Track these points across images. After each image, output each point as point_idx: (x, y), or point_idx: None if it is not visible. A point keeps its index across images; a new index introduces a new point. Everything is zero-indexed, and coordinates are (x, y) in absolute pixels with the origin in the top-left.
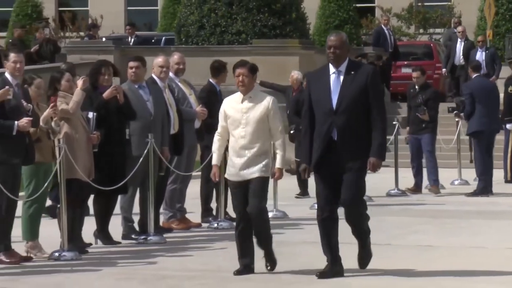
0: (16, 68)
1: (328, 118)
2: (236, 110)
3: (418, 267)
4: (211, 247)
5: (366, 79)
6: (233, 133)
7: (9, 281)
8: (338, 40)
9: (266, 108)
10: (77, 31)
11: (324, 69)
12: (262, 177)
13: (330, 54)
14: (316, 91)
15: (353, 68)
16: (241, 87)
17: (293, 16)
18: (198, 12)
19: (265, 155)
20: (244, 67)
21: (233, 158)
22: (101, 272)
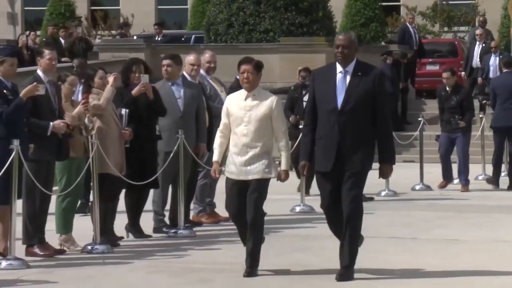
0: (50, 64)
1: (331, 118)
2: (239, 107)
3: (443, 261)
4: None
5: (373, 82)
6: (235, 131)
7: (43, 274)
8: (346, 39)
9: (270, 108)
10: (109, 29)
11: (330, 68)
12: (263, 178)
13: (338, 53)
14: (321, 89)
15: (361, 69)
16: (245, 84)
17: (319, 15)
18: (227, 11)
19: (267, 155)
20: (249, 63)
21: (234, 156)
22: (132, 265)
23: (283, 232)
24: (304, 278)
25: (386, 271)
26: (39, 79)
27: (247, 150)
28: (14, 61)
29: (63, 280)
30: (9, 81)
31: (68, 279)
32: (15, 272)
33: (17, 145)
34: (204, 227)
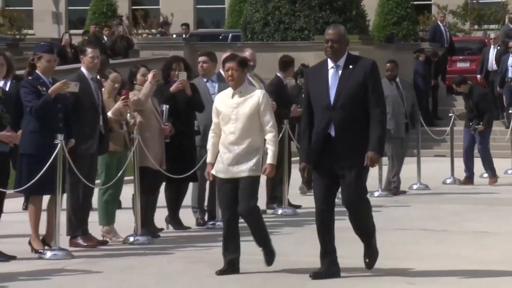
0: (93, 62)
1: (325, 114)
2: (226, 105)
3: (473, 253)
4: (276, 233)
5: (364, 73)
6: (223, 129)
7: (86, 264)
8: (335, 33)
9: (256, 103)
10: (149, 28)
11: (322, 64)
12: (252, 176)
13: (327, 48)
14: (314, 86)
15: (352, 62)
16: (230, 82)
17: (353, 13)
18: (263, 10)
19: (255, 152)
20: (233, 61)
21: (222, 154)
22: (172, 256)
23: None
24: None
25: (418, 262)
26: (83, 76)
27: (234, 148)
28: (51, 58)
29: (105, 270)
30: (48, 77)
31: (110, 269)
32: (60, 262)
33: (61, 140)
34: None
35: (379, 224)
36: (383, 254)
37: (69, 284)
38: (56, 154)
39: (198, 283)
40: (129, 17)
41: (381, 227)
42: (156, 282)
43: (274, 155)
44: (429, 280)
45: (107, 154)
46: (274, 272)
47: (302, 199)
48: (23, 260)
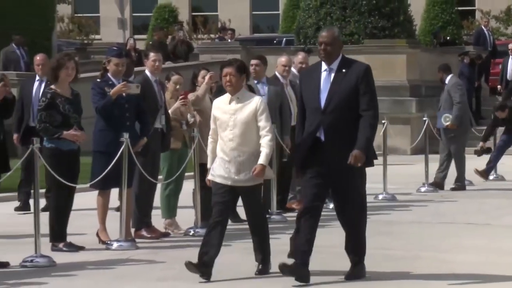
0: (155, 66)
1: (316, 117)
2: (224, 111)
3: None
4: (326, 225)
5: (357, 78)
6: (221, 136)
7: (149, 254)
8: (329, 36)
9: (254, 110)
10: (208, 33)
11: (316, 66)
12: (255, 185)
13: (321, 51)
14: (306, 89)
15: (346, 65)
16: (228, 87)
17: (401, 19)
18: (315, 16)
19: (257, 160)
20: (231, 66)
21: (222, 161)
22: (230, 247)
23: (367, 218)
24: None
25: (462, 255)
26: (146, 78)
27: (234, 156)
28: (119, 62)
29: (168, 260)
30: (118, 80)
31: (172, 259)
32: (125, 253)
33: (126, 138)
34: (294, 212)
35: (424, 218)
36: (428, 247)
37: (134, 273)
38: (121, 151)
39: (254, 271)
40: (190, 23)
41: (427, 221)
42: (217, 271)
43: (267, 157)
44: (473, 271)
45: (168, 152)
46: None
47: None
48: (91, 251)
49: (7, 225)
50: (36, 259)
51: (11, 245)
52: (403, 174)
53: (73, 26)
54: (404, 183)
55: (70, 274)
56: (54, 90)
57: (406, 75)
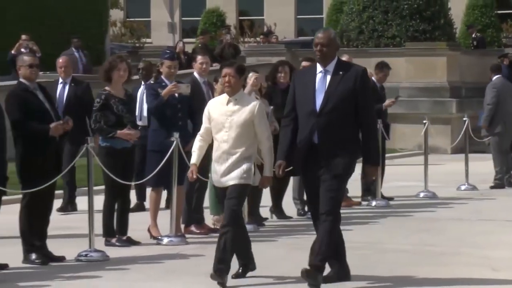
0: (202, 68)
1: (310, 120)
2: (221, 112)
3: None
4: (370, 222)
5: (355, 81)
6: (216, 137)
7: (199, 249)
8: (325, 37)
9: (252, 113)
10: (254, 36)
11: (311, 68)
12: (240, 184)
13: (316, 52)
14: (300, 91)
15: (342, 68)
16: (227, 88)
17: (441, 22)
18: (358, 19)
19: (247, 160)
20: (231, 67)
21: (215, 165)
22: (276, 243)
23: (409, 215)
24: (426, 255)
25: (501, 251)
26: (195, 80)
27: (227, 158)
28: (171, 64)
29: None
30: (172, 81)
31: None
32: (175, 248)
33: (177, 137)
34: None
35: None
36: (468, 243)
37: (184, 267)
38: (171, 150)
39: (299, 267)
40: (237, 27)
41: (467, 218)
42: (263, 266)
43: (270, 167)
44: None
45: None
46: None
47: (394, 191)
48: (142, 246)
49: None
50: (90, 253)
51: (65, 241)
52: (444, 172)
53: (125, 30)
54: (444, 181)
55: (123, 268)
56: (108, 91)
57: (447, 77)
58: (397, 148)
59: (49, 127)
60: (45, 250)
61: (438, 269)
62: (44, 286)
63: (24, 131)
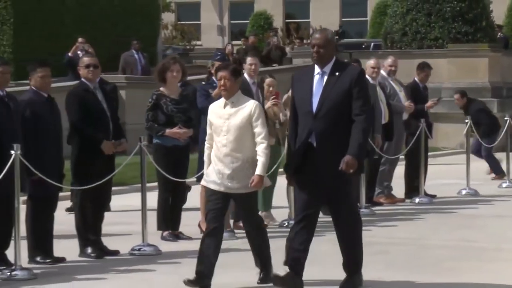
0: (251, 69)
1: (307, 122)
2: (218, 116)
3: None
4: (413, 219)
5: (350, 82)
6: (215, 141)
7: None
8: (322, 38)
9: (249, 114)
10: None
11: (309, 69)
12: (250, 193)
13: (313, 53)
14: (298, 93)
15: (339, 69)
16: (223, 91)
17: (483, 24)
18: (401, 22)
19: (251, 167)
20: (226, 70)
21: (216, 167)
22: (322, 237)
23: (451, 212)
24: (469, 250)
25: None
26: (245, 81)
27: (228, 162)
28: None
29: None
30: None
31: None
32: (225, 242)
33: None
34: (383, 206)
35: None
36: (509, 239)
37: (233, 261)
38: None
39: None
40: (283, 29)
41: (508, 215)
42: (309, 259)
43: (263, 166)
44: None
45: None
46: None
47: (437, 189)
48: (193, 240)
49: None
50: (144, 247)
51: (119, 236)
52: (486, 170)
53: (176, 33)
54: (486, 179)
55: (175, 261)
56: (161, 92)
57: (488, 77)
58: (439, 146)
59: (102, 140)
60: (100, 244)
61: (480, 264)
62: (100, 278)
63: (81, 133)
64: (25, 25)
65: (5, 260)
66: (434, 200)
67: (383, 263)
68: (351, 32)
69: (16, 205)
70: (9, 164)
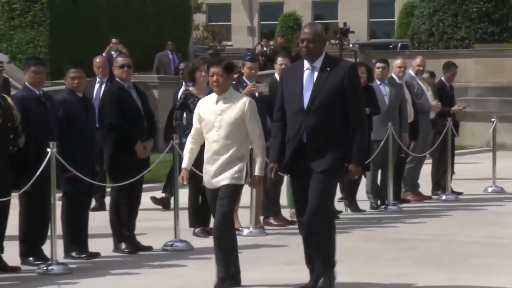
0: (281, 69)
1: (298, 118)
2: (210, 112)
3: None
4: (440, 215)
5: (342, 77)
6: (206, 137)
7: (277, 240)
8: (311, 32)
9: (242, 111)
10: (329, 39)
11: (298, 65)
12: (232, 184)
13: (303, 48)
14: (288, 88)
15: (330, 64)
16: (215, 87)
17: (509, 24)
18: (428, 22)
19: (239, 160)
20: (218, 65)
21: (206, 165)
22: (350, 234)
23: (478, 209)
24: (493, 247)
25: None
26: (275, 81)
27: (217, 158)
28: (251, 66)
29: (291, 245)
30: (252, 81)
31: (295, 245)
32: (255, 238)
33: None
34: (410, 204)
35: None
36: None
37: (263, 257)
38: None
39: (373, 258)
40: None
41: None
42: (338, 256)
43: (262, 166)
44: None
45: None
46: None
47: (463, 186)
48: None
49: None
50: (176, 243)
51: (152, 232)
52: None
53: (207, 33)
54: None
55: (206, 257)
56: (189, 91)
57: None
58: (466, 145)
59: (137, 141)
60: (133, 240)
61: (507, 261)
62: (133, 273)
63: (117, 131)
64: (60, 27)
65: (42, 255)
66: (461, 197)
67: (411, 259)
68: (378, 33)
69: (52, 201)
70: (45, 161)
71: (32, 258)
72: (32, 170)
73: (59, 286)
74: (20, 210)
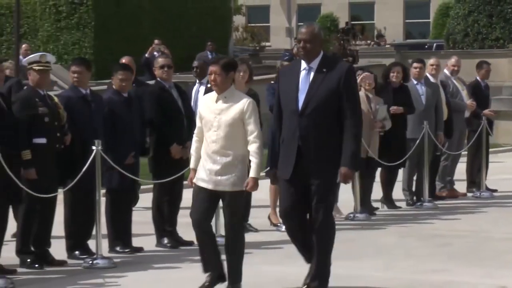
0: None
1: (293, 120)
2: (210, 110)
3: None
4: (474, 212)
5: (339, 78)
6: (205, 136)
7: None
8: (308, 32)
9: (241, 111)
10: (366, 39)
11: (295, 65)
12: (235, 191)
13: (300, 48)
14: (284, 89)
15: (327, 65)
16: (214, 87)
17: None
18: (463, 23)
19: (241, 164)
20: (216, 64)
21: (205, 163)
22: (386, 230)
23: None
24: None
25: None
26: None
27: (217, 158)
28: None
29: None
30: None
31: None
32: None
33: None
34: (445, 200)
35: None
36: None
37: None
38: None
39: (409, 253)
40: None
41: None
42: (375, 252)
43: (257, 168)
44: None
45: None
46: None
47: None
48: (263, 232)
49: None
50: (216, 238)
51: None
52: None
53: (246, 34)
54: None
55: (246, 252)
56: None
57: None
58: (500, 143)
59: (173, 143)
60: (175, 235)
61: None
62: (175, 267)
63: (157, 130)
64: (105, 28)
65: (88, 250)
66: (495, 194)
67: (446, 255)
68: (414, 33)
69: (97, 198)
70: (91, 159)
71: (78, 252)
72: (77, 167)
73: (104, 280)
74: (65, 206)
